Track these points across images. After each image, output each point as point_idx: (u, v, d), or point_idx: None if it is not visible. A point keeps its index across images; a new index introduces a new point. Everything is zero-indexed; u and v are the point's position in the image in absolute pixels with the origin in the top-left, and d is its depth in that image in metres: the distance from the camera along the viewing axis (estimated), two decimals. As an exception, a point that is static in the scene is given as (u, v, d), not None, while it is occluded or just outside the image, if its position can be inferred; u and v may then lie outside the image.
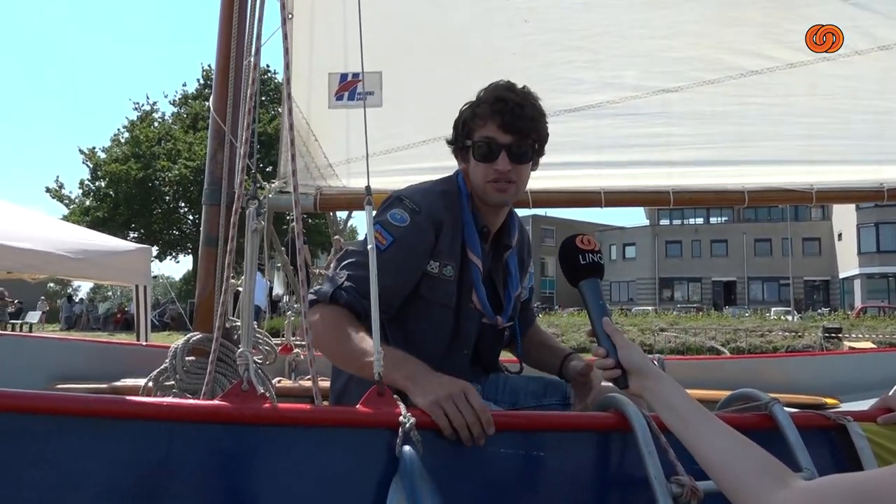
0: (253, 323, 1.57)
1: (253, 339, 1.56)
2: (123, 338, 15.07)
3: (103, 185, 32.27)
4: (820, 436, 1.58)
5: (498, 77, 1.99)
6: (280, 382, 3.36)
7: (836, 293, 47.87)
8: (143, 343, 6.31)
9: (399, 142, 2.98)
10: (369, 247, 1.53)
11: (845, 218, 45.75)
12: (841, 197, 3.17)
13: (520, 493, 1.45)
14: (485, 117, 1.88)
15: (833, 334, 16.73)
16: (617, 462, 1.52)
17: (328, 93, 2.93)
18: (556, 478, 1.47)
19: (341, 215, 3.82)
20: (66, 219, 26.55)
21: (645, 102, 2.93)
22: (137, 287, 8.11)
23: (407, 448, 1.28)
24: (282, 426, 1.35)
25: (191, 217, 33.19)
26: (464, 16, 2.98)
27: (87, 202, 32.47)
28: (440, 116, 3.01)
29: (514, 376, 2.11)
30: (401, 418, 1.32)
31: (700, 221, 55.41)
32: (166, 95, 55.32)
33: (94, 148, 32.95)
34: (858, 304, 38.37)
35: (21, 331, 20.52)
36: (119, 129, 34.45)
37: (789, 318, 27.41)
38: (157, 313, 22.78)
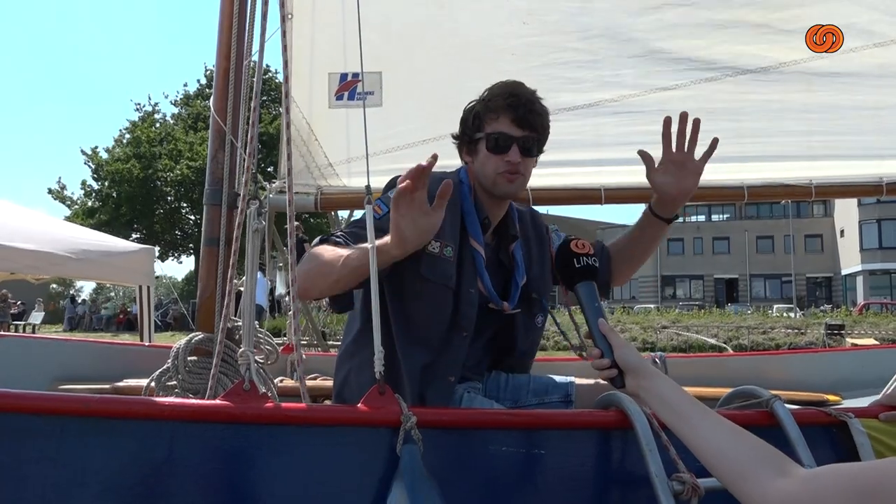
0: (254, 323, 1.58)
1: (254, 338, 1.56)
2: (126, 338, 15.09)
3: (105, 185, 32.32)
4: (821, 432, 1.59)
5: (497, 77, 2.02)
6: (282, 382, 3.36)
7: (839, 290, 47.82)
8: (146, 343, 6.32)
9: (399, 141, 2.99)
10: (370, 246, 1.53)
11: (847, 214, 45.71)
12: (840, 191, 3.18)
13: (521, 491, 1.45)
14: (498, 111, 1.93)
15: (835, 331, 16.74)
16: (618, 460, 1.52)
17: (328, 93, 2.94)
18: (557, 476, 1.47)
19: (342, 215, 3.83)
20: (69, 220, 26.57)
21: (643, 100, 2.94)
22: (141, 287, 8.12)
23: (408, 446, 1.28)
24: (283, 425, 1.36)
25: (192, 217, 33.22)
26: (463, 16, 2.99)
27: (90, 203, 32.52)
28: (440, 116, 3.02)
29: (517, 375, 2.11)
30: (402, 417, 1.32)
31: (702, 219, 55.34)
32: (167, 96, 55.36)
33: (95, 148, 33.02)
34: (861, 300, 38.33)
35: (24, 332, 20.55)
36: (121, 130, 34.54)
37: (792, 315, 27.42)
38: (159, 313, 22.82)
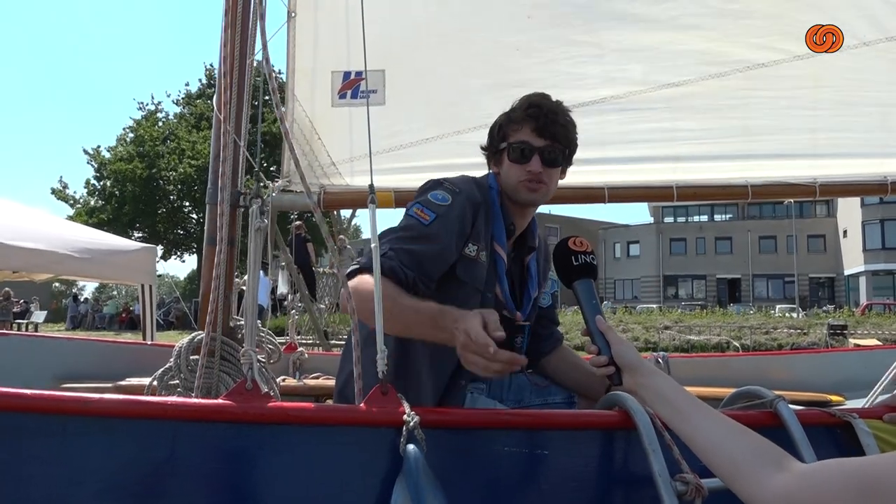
0: (256, 322, 1.58)
1: (257, 337, 1.56)
2: (129, 337, 15.11)
3: (108, 184, 32.36)
4: (825, 433, 1.58)
5: (501, 73, 2.05)
6: (284, 381, 3.36)
7: (842, 290, 47.73)
8: (148, 342, 6.33)
9: (402, 139, 2.98)
10: (373, 245, 1.53)
11: (850, 215, 45.62)
12: (845, 190, 3.15)
13: (524, 491, 1.45)
14: (520, 122, 1.97)
15: (838, 331, 16.68)
16: (621, 460, 1.52)
17: (331, 91, 2.93)
18: (560, 476, 1.47)
19: (345, 214, 3.83)
20: (71, 219, 26.61)
21: (649, 97, 2.91)
22: (143, 286, 8.12)
23: (411, 447, 1.28)
24: (286, 425, 1.35)
25: (195, 216, 33.27)
26: (466, 12, 2.96)
27: (92, 202, 32.56)
28: (443, 114, 3.02)
29: (520, 375, 2.11)
30: (405, 417, 1.32)
31: (704, 219, 55.28)
32: (169, 95, 55.36)
33: (98, 147, 33.07)
34: (864, 300, 38.29)
35: (26, 330, 20.58)
36: (124, 129, 34.58)
37: (794, 315, 27.37)
38: (161, 312, 22.83)
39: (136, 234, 31.01)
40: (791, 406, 1.57)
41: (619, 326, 18.31)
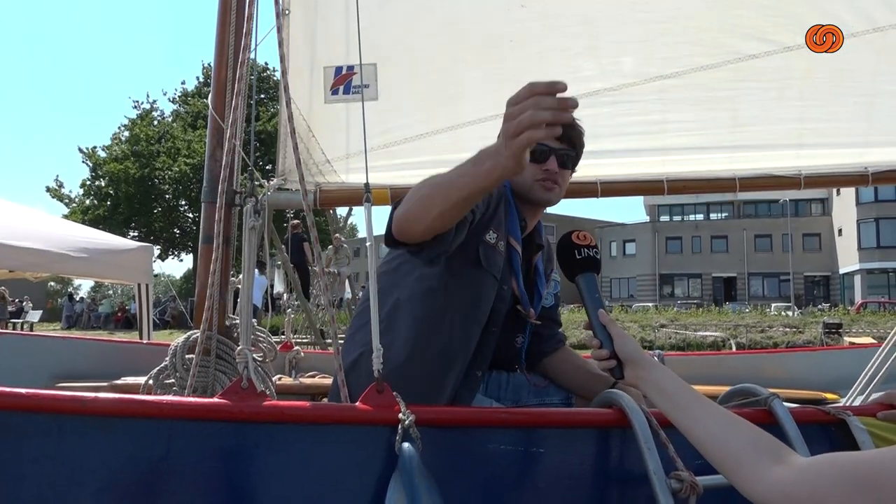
0: (252, 321, 1.58)
1: (253, 336, 1.56)
2: (124, 336, 15.09)
3: (103, 183, 32.28)
4: (819, 431, 1.59)
5: (496, 67, 2.01)
6: (280, 380, 3.36)
7: (837, 289, 47.85)
8: (144, 341, 6.32)
9: (396, 136, 2.97)
10: (368, 244, 1.54)
11: (845, 213, 45.73)
12: (827, 182, 3.15)
13: (520, 489, 1.45)
14: None
15: (833, 330, 16.74)
16: (617, 458, 1.52)
17: (324, 87, 2.91)
18: (556, 474, 1.47)
19: (341, 212, 3.82)
20: (67, 218, 26.55)
21: (642, 89, 2.90)
22: (139, 285, 8.10)
23: (406, 445, 1.28)
24: (282, 423, 1.36)
25: (191, 215, 33.20)
26: (459, 3, 2.92)
27: (87, 201, 32.48)
28: (437, 110, 3.01)
29: (518, 374, 2.11)
30: (400, 415, 1.32)
31: (700, 217, 55.36)
32: (165, 93, 55.18)
33: (94, 147, 32.98)
34: (858, 299, 38.37)
35: (21, 329, 20.52)
36: (119, 128, 34.50)
37: (790, 313, 27.43)
38: (157, 311, 22.79)
39: (132, 234, 30.94)
40: (786, 404, 1.57)
41: (616, 325, 18.27)
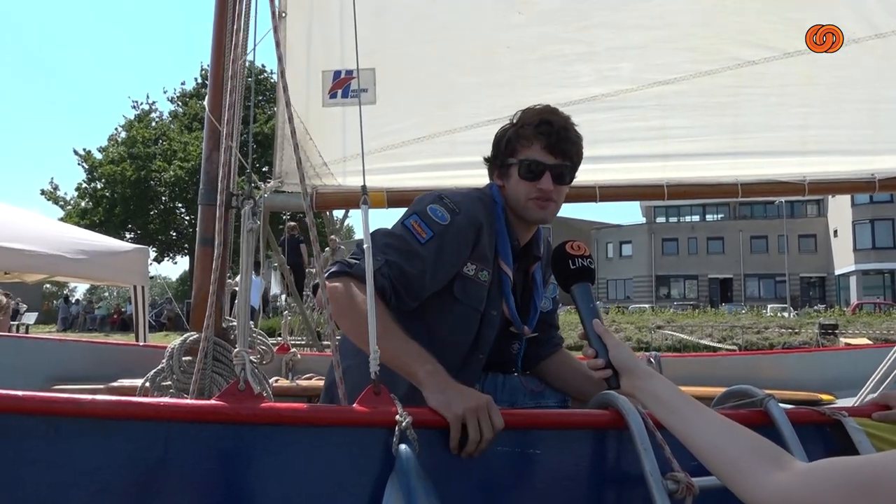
0: (249, 323, 1.58)
1: (249, 338, 1.56)
2: (120, 338, 15.04)
3: (99, 186, 32.21)
4: (815, 432, 1.59)
5: (493, 71, 2.01)
6: (277, 382, 3.36)
7: (832, 290, 47.95)
8: (140, 343, 6.30)
9: (394, 139, 2.98)
10: (365, 246, 1.54)
11: (841, 214, 45.83)
12: (833, 188, 3.14)
13: (516, 491, 1.46)
14: (530, 138, 1.92)
15: (829, 331, 16.79)
16: (613, 459, 1.53)
17: (322, 91, 2.91)
18: (552, 476, 1.47)
19: (337, 215, 3.82)
20: (63, 221, 26.46)
21: (640, 95, 2.90)
22: (135, 288, 8.09)
23: (403, 447, 1.28)
24: (278, 425, 1.35)
25: (188, 218, 33.13)
26: (457, 8, 2.92)
27: (83, 204, 32.40)
28: (434, 114, 3.01)
29: (513, 377, 2.11)
30: (397, 417, 1.32)
31: (696, 219, 55.40)
32: (165, 91, 54.95)
33: (89, 151, 32.90)
34: (854, 300, 38.50)
35: (17, 332, 20.43)
36: (117, 128, 34.43)
37: (785, 314, 27.51)
38: (154, 314, 22.74)
39: (128, 236, 30.85)
40: (782, 405, 1.58)
41: (612, 326, 18.33)
